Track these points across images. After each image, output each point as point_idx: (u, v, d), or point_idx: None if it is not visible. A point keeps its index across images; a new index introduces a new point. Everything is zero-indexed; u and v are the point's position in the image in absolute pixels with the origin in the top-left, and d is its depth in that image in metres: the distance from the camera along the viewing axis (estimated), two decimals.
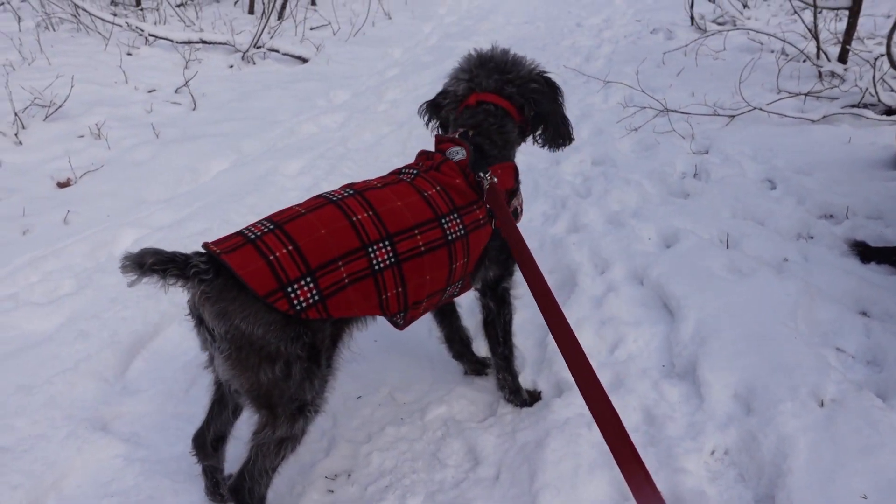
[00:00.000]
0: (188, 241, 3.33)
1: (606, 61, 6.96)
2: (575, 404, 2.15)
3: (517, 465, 1.97)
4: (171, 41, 6.67)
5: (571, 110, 5.44)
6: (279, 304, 1.52)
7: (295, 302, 1.54)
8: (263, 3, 7.87)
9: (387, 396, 2.40)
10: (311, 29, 8.04)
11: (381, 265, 1.69)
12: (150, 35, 6.74)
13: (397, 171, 1.99)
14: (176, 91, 5.65)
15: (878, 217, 3.28)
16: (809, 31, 5.65)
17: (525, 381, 2.39)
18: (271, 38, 7.13)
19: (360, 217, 1.69)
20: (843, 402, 1.97)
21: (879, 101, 4.72)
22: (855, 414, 1.92)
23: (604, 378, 2.33)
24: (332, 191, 1.81)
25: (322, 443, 2.19)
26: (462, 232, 1.87)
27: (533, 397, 2.29)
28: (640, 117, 4.94)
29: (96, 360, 2.50)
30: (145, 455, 2.13)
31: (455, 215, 1.86)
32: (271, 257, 1.54)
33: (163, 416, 2.32)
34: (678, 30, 7.79)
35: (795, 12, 6.12)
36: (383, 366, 2.54)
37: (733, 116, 4.77)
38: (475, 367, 2.46)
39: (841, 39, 5.59)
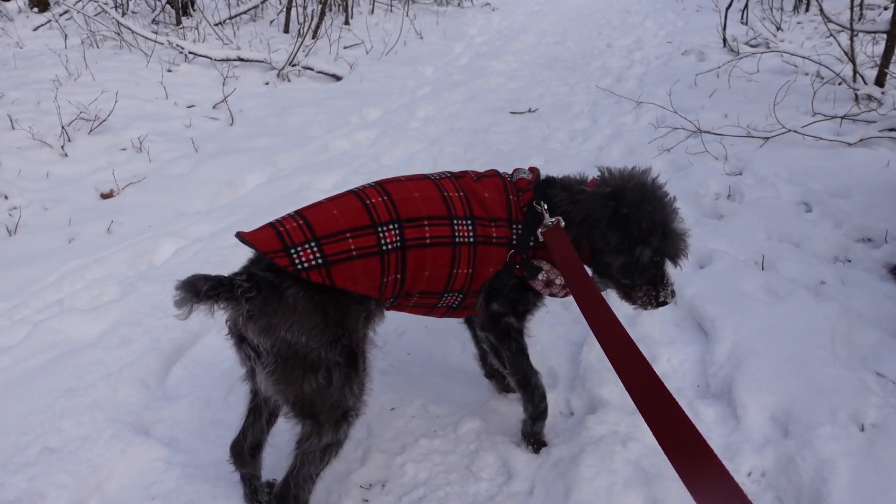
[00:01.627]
0: (226, 252, 3.41)
1: (637, 82, 6.99)
2: (609, 421, 2.15)
3: (551, 480, 1.97)
4: (210, 58, 6.86)
5: (602, 130, 5.50)
6: (280, 261, 1.61)
7: (297, 261, 1.62)
8: (299, 23, 8.06)
9: (420, 409, 2.42)
10: (345, 48, 8.21)
11: (389, 246, 1.75)
12: (189, 52, 6.94)
13: (430, 174, 2.00)
14: (214, 107, 5.81)
15: None
16: (846, 53, 5.61)
17: (558, 399, 2.40)
18: (306, 56, 7.29)
19: (373, 201, 1.79)
20: (885, 427, 1.95)
21: None
22: None
23: None
24: (362, 185, 1.91)
25: (357, 452, 2.21)
26: (471, 239, 1.85)
27: (539, 444, 2.13)
28: (671, 138, 4.94)
29: (138, 365, 2.57)
30: (185, 459, 2.18)
31: (468, 221, 1.85)
32: (281, 229, 1.69)
33: (202, 423, 2.37)
34: (710, 52, 7.78)
35: (831, 34, 6.09)
36: (417, 378, 2.57)
37: (767, 138, 4.75)
38: (506, 385, 2.42)
39: (878, 62, 5.54)
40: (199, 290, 1.56)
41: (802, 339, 2.42)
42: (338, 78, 7.11)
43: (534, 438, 2.14)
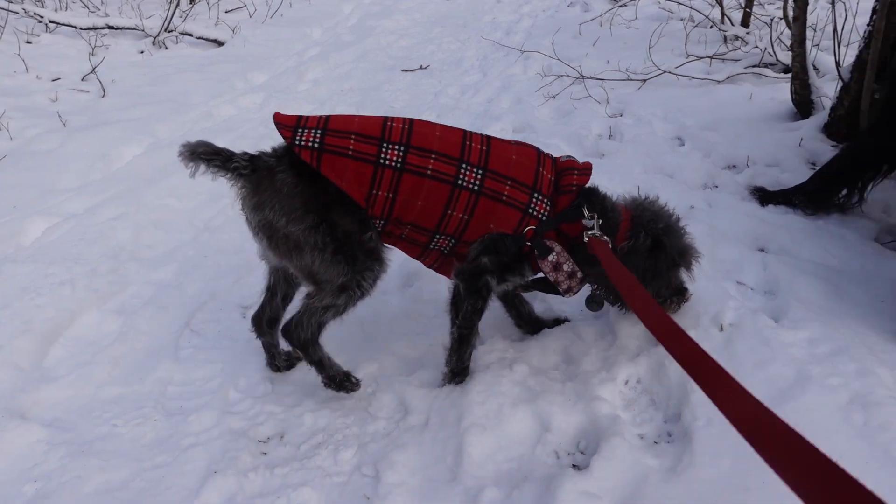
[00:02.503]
0: (103, 228, 3.23)
1: (526, 34, 7.08)
2: (497, 349, 2.24)
3: (445, 409, 2.04)
4: (75, 27, 6.35)
5: (492, 82, 5.57)
6: (284, 132, 1.82)
7: (298, 138, 1.81)
8: None
9: None
10: (226, 12, 7.82)
11: (386, 162, 1.84)
12: (50, 21, 6.39)
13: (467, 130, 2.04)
14: (83, 79, 5.41)
15: (776, 164, 3.52)
16: None
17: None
18: (183, 21, 6.89)
19: (394, 124, 1.90)
20: (741, 326, 2.13)
21: (777, 60, 5.01)
22: (751, 335, 2.08)
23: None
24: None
25: (254, 409, 2.19)
26: (475, 187, 1.88)
27: (462, 378, 2.16)
28: (557, 85, 5.07)
29: (9, 349, 2.41)
30: (70, 438, 2.09)
31: (478, 170, 1.89)
32: (303, 118, 1.87)
33: (86, 400, 2.26)
34: (594, 2, 7.99)
35: None
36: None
37: (645, 80, 4.97)
38: (531, 326, 2.39)
39: (743, 5, 5.89)
40: (196, 151, 1.77)
41: None
42: (220, 43, 6.77)
43: (454, 381, 2.15)
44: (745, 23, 5.85)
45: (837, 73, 3.61)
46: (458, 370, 2.15)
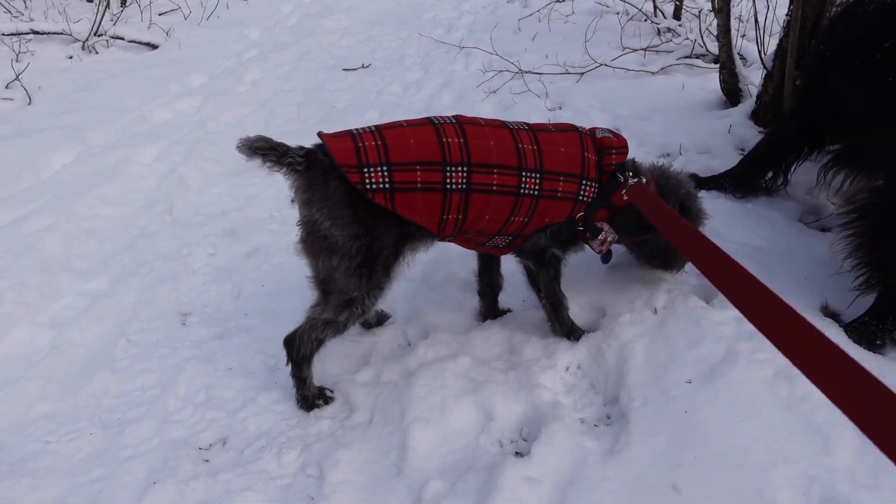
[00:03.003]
0: (32, 240, 3.11)
1: (467, 31, 7.11)
2: (441, 342, 2.25)
3: (388, 405, 2.04)
4: None
5: (434, 79, 5.58)
6: (352, 176, 1.76)
7: (367, 180, 1.77)
8: None
9: (260, 364, 2.38)
10: (160, 14, 7.59)
11: (453, 186, 1.85)
12: None
13: (509, 123, 2.04)
14: (7, 86, 5.17)
15: (707, 151, 3.64)
16: None
17: (396, 333, 2.46)
18: (114, 25, 6.66)
19: (450, 140, 1.87)
20: (673, 308, 2.20)
21: (707, 50, 5.18)
22: (682, 316, 2.15)
23: (464, 321, 2.45)
24: (440, 116, 1.96)
25: (195, 416, 2.15)
26: (535, 192, 1.94)
27: (577, 334, 2.25)
28: (498, 80, 5.11)
29: None
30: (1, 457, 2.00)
31: (536, 175, 1.93)
32: (360, 144, 1.81)
33: (16, 418, 2.18)
34: None
35: None
36: (257, 337, 2.52)
37: (583, 73, 5.06)
38: (488, 312, 2.44)
39: None
40: (253, 145, 1.75)
41: None
42: (153, 46, 6.58)
43: (575, 338, 2.23)
44: (677, 15, 6.03)
45: (761, 61, 3.76)
46: (567, 332, 2.23)
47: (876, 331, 2.10)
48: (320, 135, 1.86)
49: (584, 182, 2.01)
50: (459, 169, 1.84)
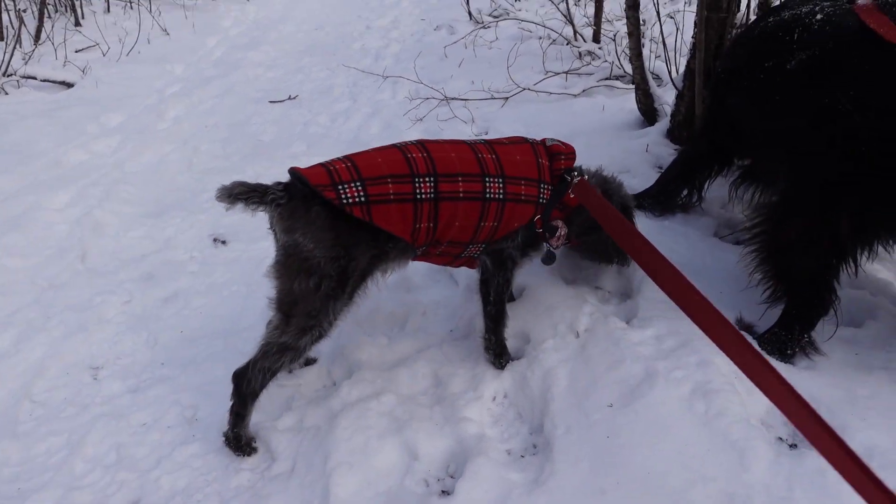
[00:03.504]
0: None
1: (394, 59, 7.15)
2: (365, 380, 2.20)
3: (311, 452, 1.97)
4: None
5: (362, 109, 5.58)
6: (328, 193, 1.84)
7: (342, 195, 1.85)
8: (13, 27, 7.04)
9: (177, 416, 2.27)
10: (77, 51, 7.32)
11: (423, 196, 1.94)
12: None
13: (466, 140, 2.17)
14: None
15: (627, 170, 3.73)
16: (565, 17, 6.27)
17: (320, 372, 2.39)
18: (26, 64, 6.40)
19: (414, 155, 1.99)
20: (594, 330, 2.22)
21: (625, 72, 5.35)
22: (603, 338, 2.17)
23: (391, 356, 2.41)
24: (401, 142, 2.10)
25: (105, 479, 2.02)
26: (500, 196, 2.03)
27: (506, 358, 2.27)
28: (424, 108, 5.15)
29: None
30: None
31: (499, 180, 2.04)
32: (331, 168, 1.92)
33: None
34: (458, 25, 8.20)
35: (552, 2, 6.74)
36: (174, 387, 2.40)
37: (507, 98, 5.15)
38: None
39: (592, 22, 6.27)
40: (233, 192, 1.80)
41: (532, 270, 2.66)
42: (69, 85, 6.33)
43: (503, 363, 2.24)
44: (596, 38, 6.22)
45: (672, 81, 3.90)
46: (499, 351, 2.24)
47: (786, 341, 2.16)
48: (292, 169, 1.94)
49: (542, 185, 2.14)
50: (427, 179, 1.96)
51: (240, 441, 2.04)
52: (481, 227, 2.06)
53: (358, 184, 1.88)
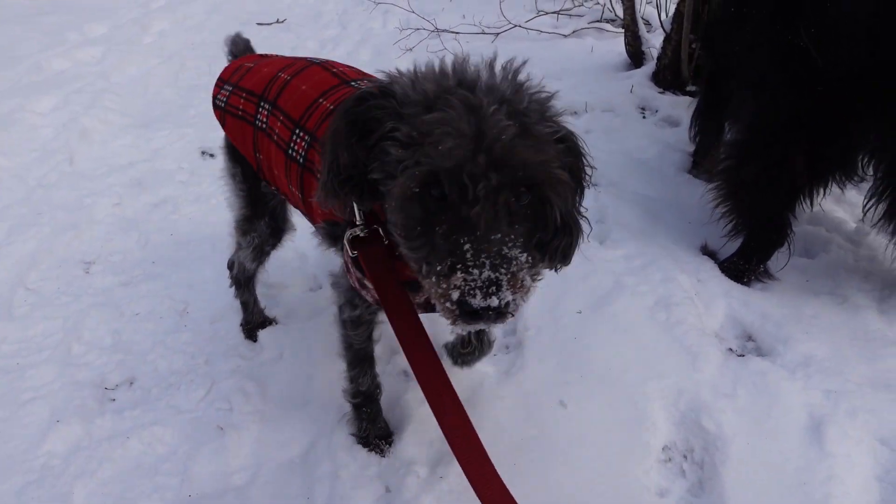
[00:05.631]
0: None
1: None
2: None
3: (296, 343, 2.10)
4: None
5: (352, 36, 5.53)
6: (214, 89, 1.79)
7: (216, 95, 1.78)
8: None
9: (169, 309, 2.37)
10: None
11: (259, 124, 1.64)
12: None
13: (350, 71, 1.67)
14: None
15: (610, 109, 3.83)
16: None
17: (307, 275, 2.50)
18: None
19: (281, 75, 1.64)
20: None
21: (616, 15, 5.37)
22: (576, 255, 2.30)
23: None
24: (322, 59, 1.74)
25: (101, 359, 2.13)
26: (300, 160, 1.50)
27: None
28: (415, 38, 5.13)
29: None
30: None
31: (307, 137, 1.50)
32: (238, 65, 1.81)
33: None
34: None
35: None
36: (167, 283, 2.49)
37: (498, 34, 5.16)
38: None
39: None
40: None
41: None
42: None
43: None
44: None
45: (661, 24, 3.96)
46: None
47: (743, 270, 2.32)
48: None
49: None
50: (266, 106, 1.62)
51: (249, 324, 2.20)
52: (289, 183, 1.57)
53: (228, 88, 1.74)
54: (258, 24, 5.95)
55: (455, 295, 0.98)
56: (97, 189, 3.11)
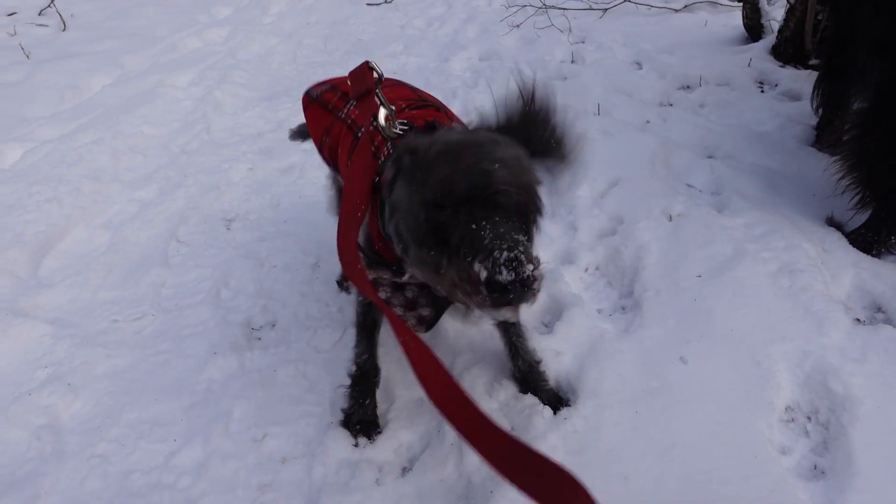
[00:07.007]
0: (82, 152, 3.30)
1: None
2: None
3: None
4: None
5: (457, 14, 5.64)
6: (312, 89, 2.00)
7: (311, 90, 1.97)
8: None
9: (302, 263, 2.58)
10: None
11: (341, 115, 1.81)
12: None
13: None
14: (40, 13, 5.30)
15: (726, 83, 3.73)
16: None
17: None
18: None
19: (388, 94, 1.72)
20: (687, 215, 2.37)
21: None
22: (696, 221, 2.32)
23: None
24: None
25: (247, 304, 2.36)
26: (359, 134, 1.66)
27: None
28: (521, 15, 5.17)
29: (3, 259, 2.52)
30: (73, 332, 2.24)
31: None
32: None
33: (85, 301, 2.41)
34: None
35: None
36: (299, 239, 2.71)
37: (606, 10, 5.10)
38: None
39: None
40: (301, 131, 2.19)
41: (629, 163, 2.81)
42: None
43: None
44: None
45: None
46: None
47: (872, 241, 2.25)
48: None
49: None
50: (353, 103, 1.76)
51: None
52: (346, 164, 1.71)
53: (326, 86, 1.93)
54: (367, 3, 6.17)
55: (483, 275, 1.09)
56: (232, 155, 3.39)
